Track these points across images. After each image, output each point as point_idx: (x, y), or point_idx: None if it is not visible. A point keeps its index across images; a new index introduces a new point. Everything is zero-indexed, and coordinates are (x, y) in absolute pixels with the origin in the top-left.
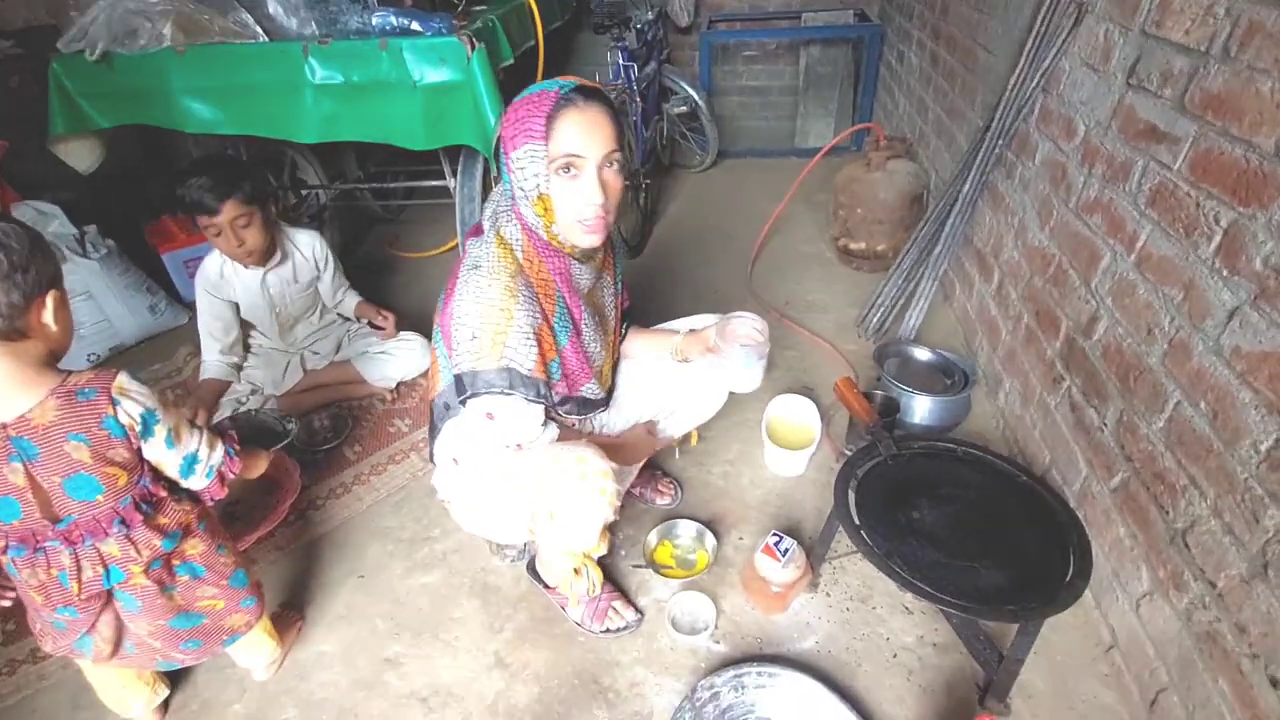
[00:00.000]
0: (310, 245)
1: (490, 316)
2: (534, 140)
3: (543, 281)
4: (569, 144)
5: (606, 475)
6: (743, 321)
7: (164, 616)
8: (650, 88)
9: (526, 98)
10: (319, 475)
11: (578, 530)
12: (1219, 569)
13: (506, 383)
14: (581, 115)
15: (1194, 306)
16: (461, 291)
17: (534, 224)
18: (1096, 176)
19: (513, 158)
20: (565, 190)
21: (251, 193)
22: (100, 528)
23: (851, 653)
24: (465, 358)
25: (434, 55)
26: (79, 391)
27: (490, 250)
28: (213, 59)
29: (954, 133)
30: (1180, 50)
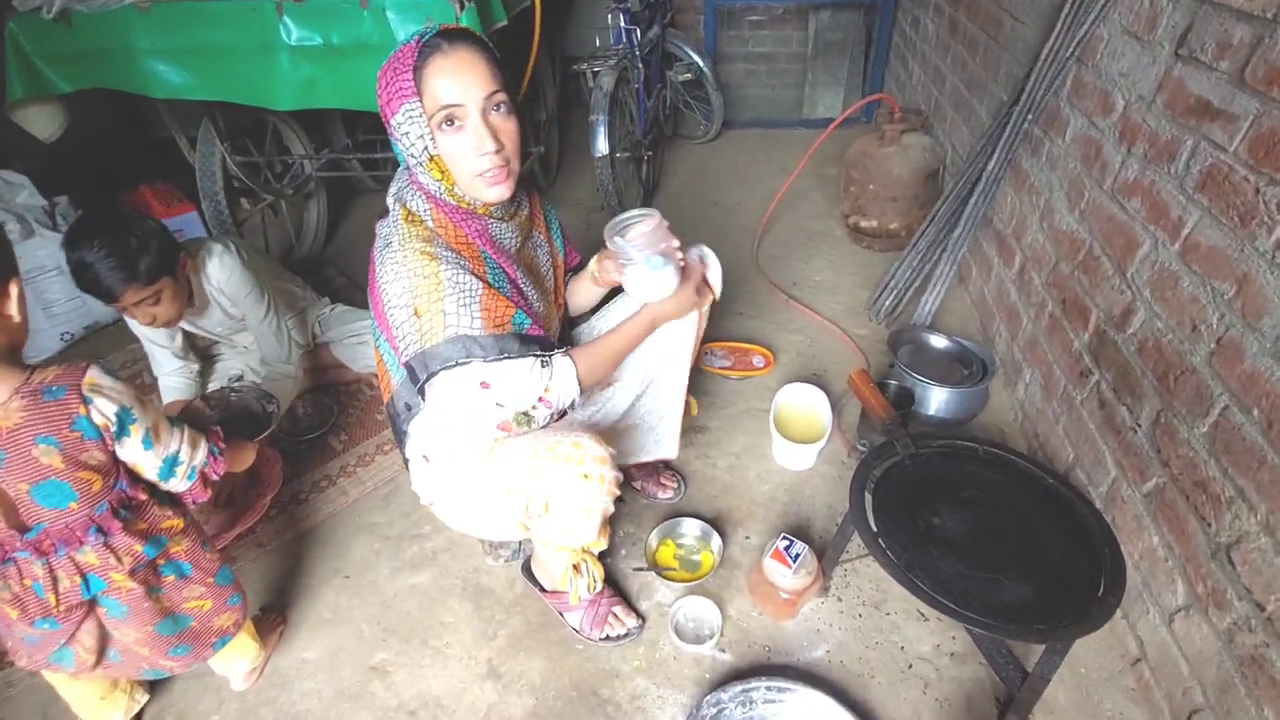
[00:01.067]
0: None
1: (419, 288)
2: (406, 99)
3: (464, 244)
4: (443, 94)
5: (604, 461)
6: (640, 223)
7: (152, 621)
8: (653, 53)
9: (391, 57)
10: (302, 466)
11: (576, 522)
12: (1269, 591)
13: (462, 352)
14: (448, 60)
15: (1248, 304)
16: (380, 275)
17: (436, 190)
18: (1136, 156)
19: (394, 124)
20: (454, 145)
21: (155, 270)
22: (75, 536)
23: (865, 663)
24: (409, 341)
25: (420, 14)
26: (46, 390)
27: (398, 225)
28: (179, 17)
29: (973, 105)
30: (1241, 17)
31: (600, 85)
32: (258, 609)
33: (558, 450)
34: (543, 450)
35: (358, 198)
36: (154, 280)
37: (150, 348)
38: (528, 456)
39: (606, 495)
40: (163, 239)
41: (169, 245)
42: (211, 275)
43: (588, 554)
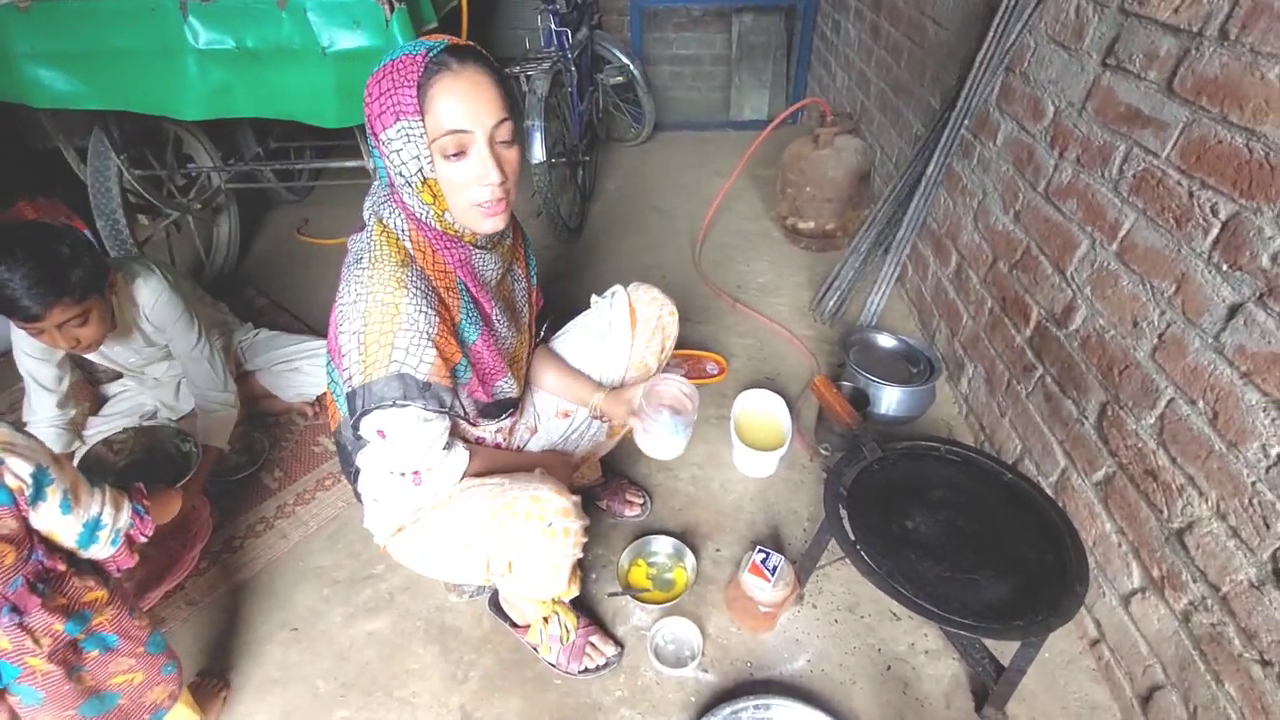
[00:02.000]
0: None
1: (374, 315)
2: (406, 116)
3: (441, 272)
4: (451, 118)
5: (568, 514)
6: (669, 384)
7: (74, 704)
8: (583, 56)
9: (388, 65)
10: (234, 510)
11: (543, 578)
12: (1223, 573)
13: (399, 392)
14: (459, 81)
15: (1188, 301)
16: (343, 293)
17: (422, 213)
18: (1069, 160)
19: (384, 139)
20: (455, 173)
21: (87, 285)
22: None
23: (845, 669)
24: (354, 370)
25: (345, 16)
26: None
27: (372, 240)
28: (66, 18)
29: (901, 109)
30: (1168, 30)
31: (534, 90)
32: (195, 675)
33: (516, 507)
34: (501, 508)
35: (272, 210)
36: (85, 297)
37: (33, 390)
38: (485, 516)
39: (573, 548)
40: (94, 253)
41: (99, 260)
42: (138, 299)
43: (559, 604)
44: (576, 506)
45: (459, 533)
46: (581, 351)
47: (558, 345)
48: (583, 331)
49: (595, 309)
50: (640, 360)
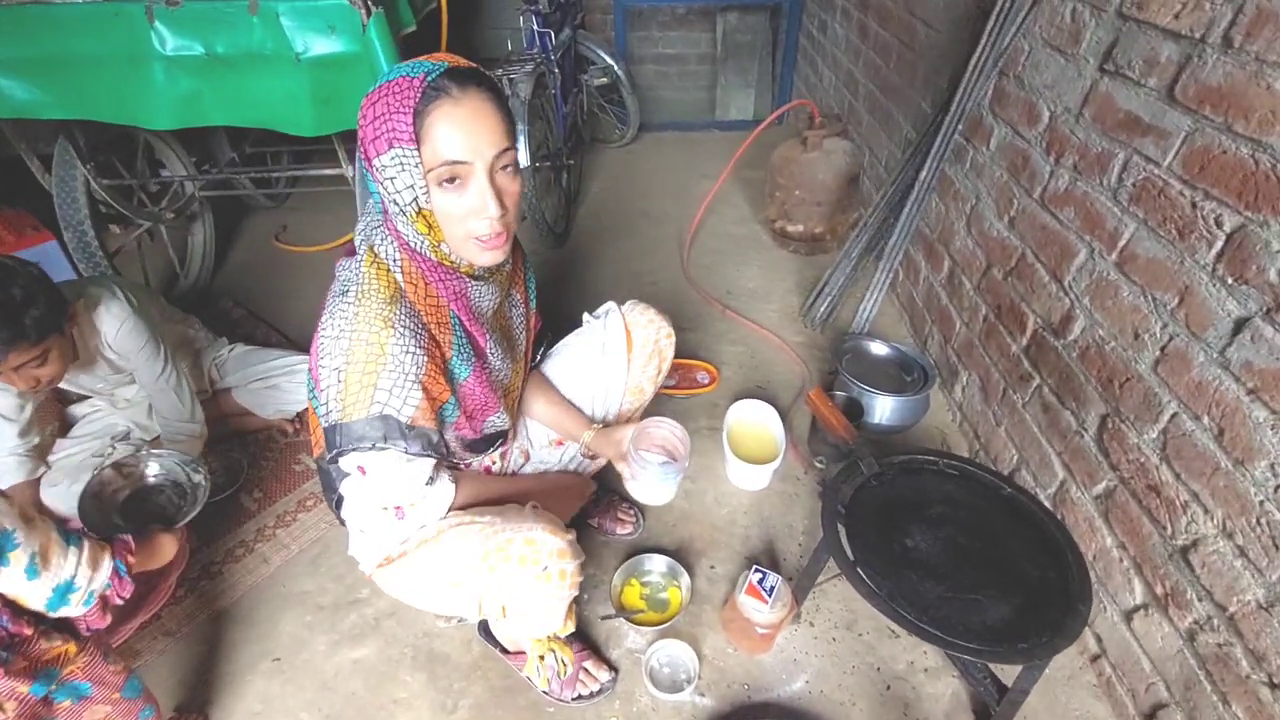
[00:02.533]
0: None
1: (357, 353)
2: (401, 144)
3: (433, 307)
4: (449, 148)
5: (564, 555)
6: (660, 427)
7: None
8: (566, 57)
9: (384, 88)
10: (211, 534)
11: (538, 620)
12: (1230, 593)
13: (380, 434)
14: (459, 108)
15: (1192, 315)
16: (326, 325)
17: (416, 244)
18: (1066, 167)
19: (377, 165)
20: (452, 204)
21: (44, 326)
22: None
23: (845, 690)
24: (332, 406)
25: (319, 21)
26: None
27: (360, 271)
28: (25, 24)
29: (891, 110)
30: (1168, 36)
31: (517, 93)
32: (172, 711)
33: (510, 550)
34: (493, 551)
35: (249, 217)
36: (42, 338)
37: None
38: (476, 558)
39: (570, 589)
40: (50, 290)
41: (56, 297)
42: (100, 328)
43: (555, 640)
44: (572, 545)
45: (448, 571)
46: (574, 376)
47: (549, 369)
48: (575, 353)
49: (588, 328)
50: (636, 385)
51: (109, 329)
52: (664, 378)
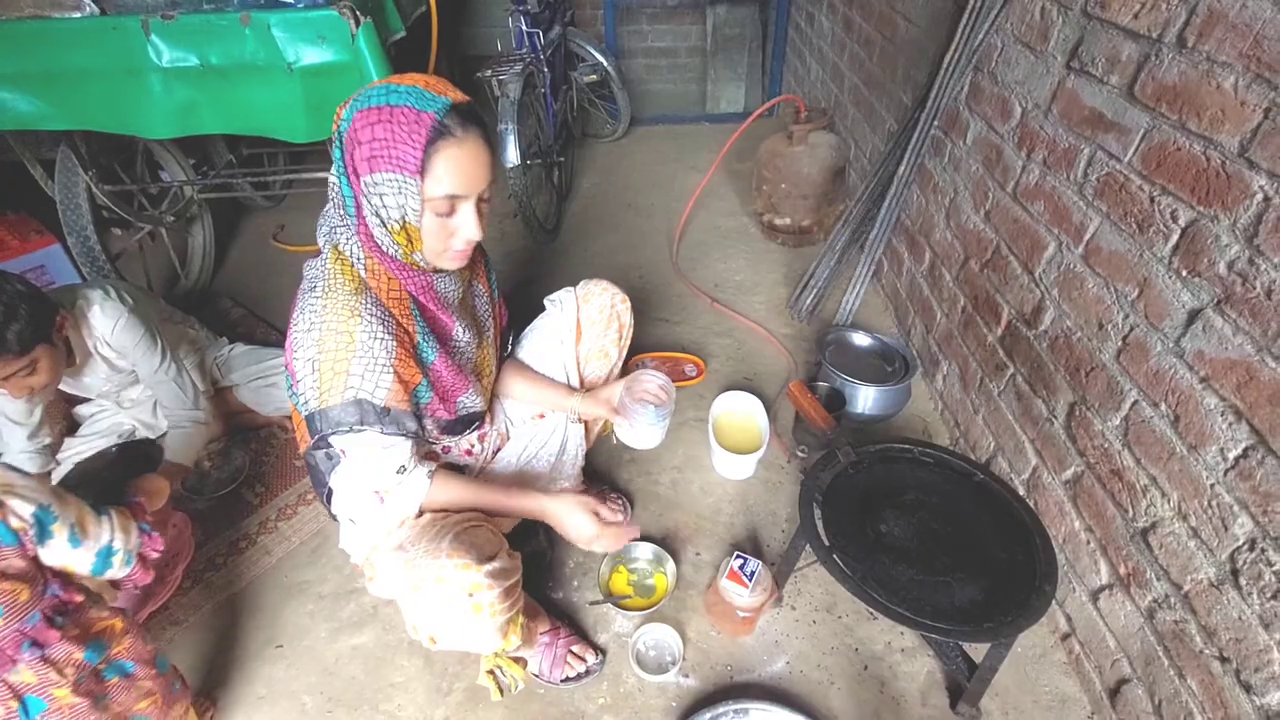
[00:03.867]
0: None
1: (328, 343)
2: (404, 172)
3: (396, 299)
4: (450, 184)
5: (478, 587)
6: (648, 380)
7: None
8: (556, 55)
9: (389, 111)
10: (215, 527)
11: (471, 647)
12: (1184, 572)
13: (356, 417)
14: (462, 150)
15: (1151, 306)
16: (298, 320)
17: (390, 249)
18: (1036, 162)
19: (368, 180)
20: (439, 226)
21: (28, 338)
22: (5, 656)
23: (823, 670)
24: (309, 395)
25: (310, 32)
26: None
27: (325, 268)
28: (26, 39)
29: (874, 104)
30: (1128, 35)
31: (507, 93)
32: None
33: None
34: (409, 587)
35: (247, 217)
36: (27, 350)
37: (2, 424)
38: (407, 586)
39: (492, 618)
40: (33, 302)
41: (41, 308)
42: (94, 328)
43: (502, 657)
44: (491, 574)
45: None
46: (543, 354)
47: (521, 353)
48: (540, 334)
49: (549, 311)
50: (600, 349)
51: (104, 328)
52: (627, 342)
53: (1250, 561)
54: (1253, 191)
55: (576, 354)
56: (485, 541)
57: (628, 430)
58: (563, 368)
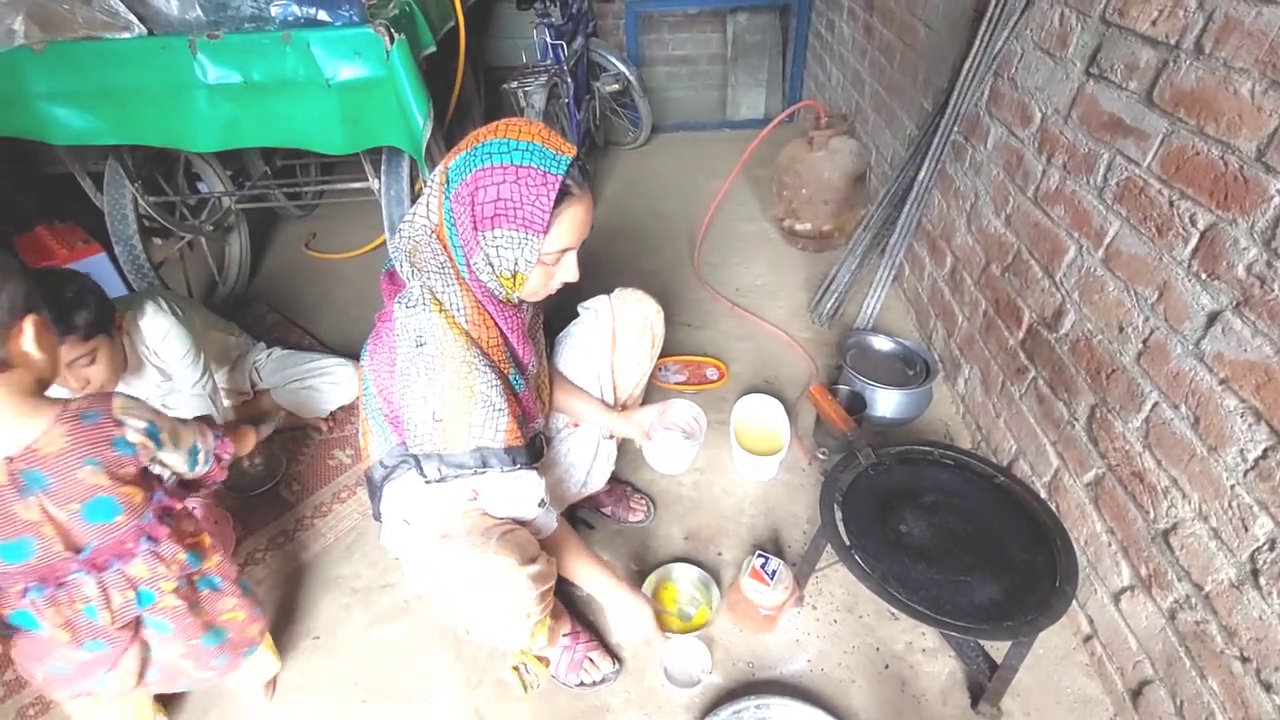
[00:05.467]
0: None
1: (450, 397)
2: (529, 231)
3: (495, 345)
4: (566, 239)
5: (519, 588)
6: (680, 409)
7: (196, 635)
8: (579, 65)
9: (515, 172)
10: (254, 524)
11: (500, 641)
12: (1205, 572)
13: (479, 462)
14: (579, 207)
15: (1170, 308)
16: (410, 371)
17: (495, 290)
18: (1057, 166)
19: (488, 236)
20: (544, 273)
21: (92, 326)
22: (126, 549)
23: (845, 668)
24: (427, 440)
25: (346, 48)
26: (83, 415)
27: (432, 321)
28: (80, 58)
29: (895, 109)
30: (1147, 42)
31: (532, 104)
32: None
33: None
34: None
35: (280, 225)
36: (90, 336)
37: None
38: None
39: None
40: (99, 295)
41: (105, 303)
42: (146, 336)
43: (528, 655)
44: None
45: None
46: (578, 363)
47: (557, 361)
48: (575, 342)
49: (584, 318)
50: (634, 360)
51: (154, 337)
52: (658, 351)
53: (1270, 561)
54: (1270, 195)
55: (611, 362)
56: (527, 543)
57: (656, 455)
58: (596, 377)
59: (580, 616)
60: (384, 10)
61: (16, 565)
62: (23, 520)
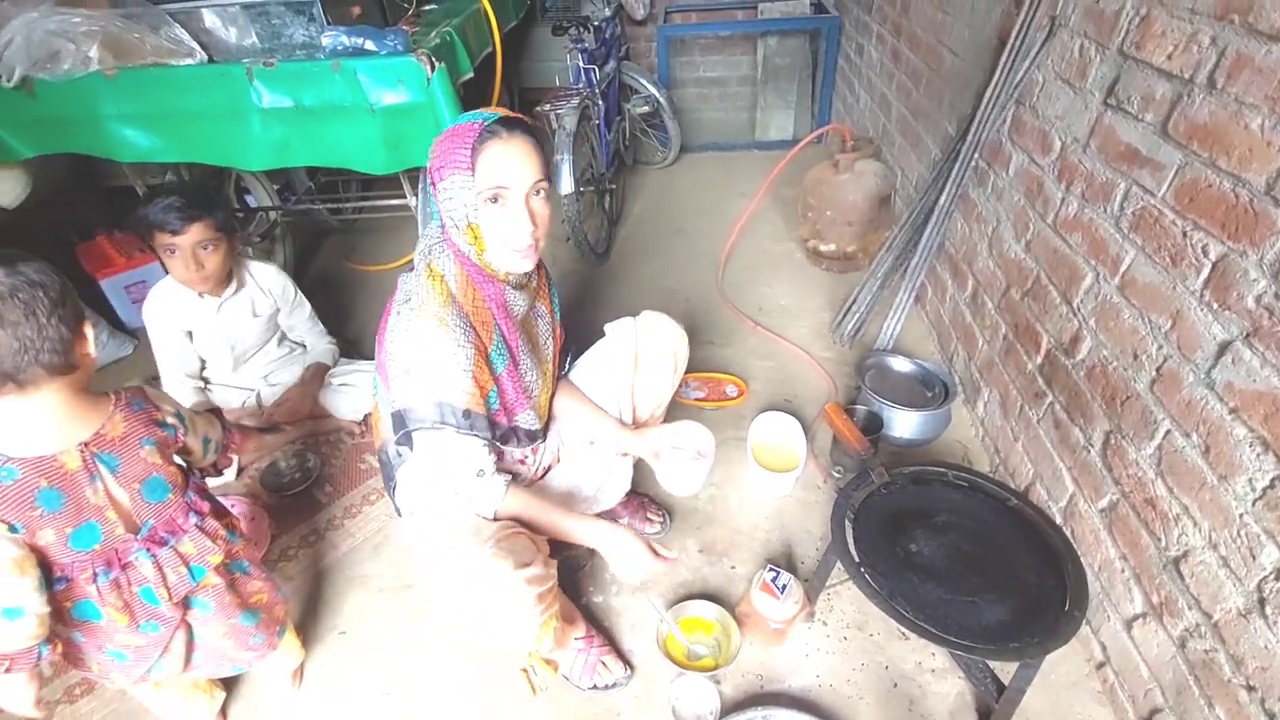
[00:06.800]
0: (273, 279)
1: (421, 350)
2: (460, 171)
3: (478, 311)
4: (495, 176)
5: (513, 591)
6: (692, 431)
7: (235, 614)
8: (611, 87)
9: (451, 130)
10: (288, 522)
11: (511, 638)
12: (1214, 601)
13: (438, 416)
14: (505, 146)
15: (1183, 337)
16: (393, 327)
17: (468, 251)
18: (1075, 194)
19: (441, 189)
20: (494, 219)
21: (223, 221)
22: (177, 525)
23: (853, 685)
24: (400, 394)
25: (391, 76)
26: (132, 403)
27: (421, 282)
28: (147, 83)
29: (920, 133)
30: (1162, 75)
31: (563, 126)
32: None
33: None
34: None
35: (322, 237)
36: (221, 228)
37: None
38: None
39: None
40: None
41: (236, 219)
42: (254, 271)
43: (537, 657)
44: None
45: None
46: (599, 382)
47: (577, 377)
48: (597, 363)
49: (608, 339)
50: (655, 383)
51: (266, 277)
52: (679, 377)
53: (1276, 591)
54: (1279, 229)
55: (632, 384)
56: (523, 549)
57: (667, 475)
58: (615, 399)
59: (594, 621)
60: (426, 39)
61: (85, 552)
62: (91, 505)
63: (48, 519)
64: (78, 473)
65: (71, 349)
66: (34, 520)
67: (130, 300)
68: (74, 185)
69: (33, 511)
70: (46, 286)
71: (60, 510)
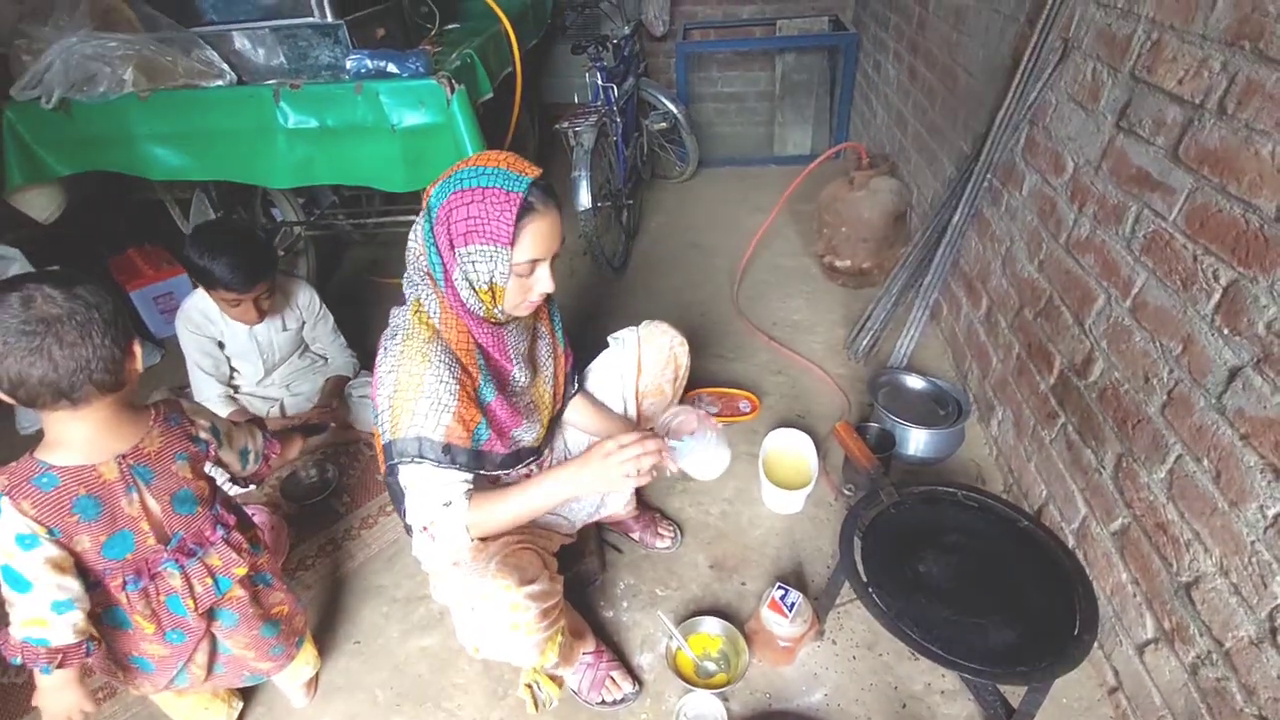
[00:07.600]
0: (301, 294)
1: (402, 384)
2: (498, 244)
3: (464, 349)
4: (534, 250)
5: (517, 607)
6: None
7: (257, 625)
8: (629, 103)
9: (481, 193)
10: (306, 532)
11: (510, 660)
12: (1226, 629)
13: (416, 450)
14: (544, 222)
15: (1194, 362)
16: (380, 362)
17: (473, 306)
18: (1088, 216)
19: (462, 251)
20: (521, 286)
21: (274, 267)
22: (204, 537)
23: (861, 705)
24: (385, 427)
25: (412, 98)
26: (168, 418)
27: (405, 318)
28: (179, 105)
29: (935, 150)
30: (1173, 100)
31: (581, 143)
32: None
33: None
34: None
35: (344, 250)
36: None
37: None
38: (457, 600)
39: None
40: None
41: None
42: (289, 290)
43: (540, 673)
44: (538, 593)
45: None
46: (604, 387)
47: (585, 385)
48: (602, 370)
49: (612, 348)
50: (656, 386)
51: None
52: (683, 383)
53: None
54: None
55: (636, 389)
56: (529, 564)
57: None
58: (622, 401)
59: (603, 636)
60: (447, 61)
61: (116, 560)
62: (126, 515)
63: (84, 526)
64: (115, 483)
65: (122, 368)
66: (71, 526)
67: (158, 311)
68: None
69: (70, 517)
70: (101, 307)
71: (97, 519)
